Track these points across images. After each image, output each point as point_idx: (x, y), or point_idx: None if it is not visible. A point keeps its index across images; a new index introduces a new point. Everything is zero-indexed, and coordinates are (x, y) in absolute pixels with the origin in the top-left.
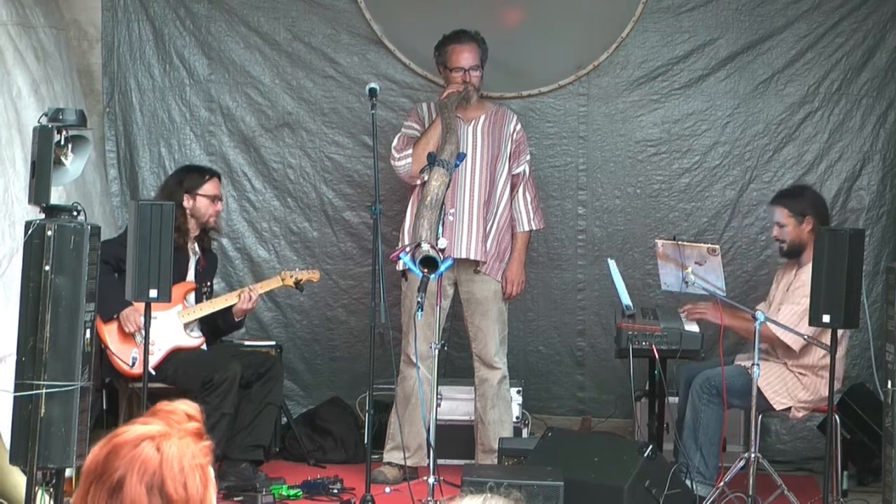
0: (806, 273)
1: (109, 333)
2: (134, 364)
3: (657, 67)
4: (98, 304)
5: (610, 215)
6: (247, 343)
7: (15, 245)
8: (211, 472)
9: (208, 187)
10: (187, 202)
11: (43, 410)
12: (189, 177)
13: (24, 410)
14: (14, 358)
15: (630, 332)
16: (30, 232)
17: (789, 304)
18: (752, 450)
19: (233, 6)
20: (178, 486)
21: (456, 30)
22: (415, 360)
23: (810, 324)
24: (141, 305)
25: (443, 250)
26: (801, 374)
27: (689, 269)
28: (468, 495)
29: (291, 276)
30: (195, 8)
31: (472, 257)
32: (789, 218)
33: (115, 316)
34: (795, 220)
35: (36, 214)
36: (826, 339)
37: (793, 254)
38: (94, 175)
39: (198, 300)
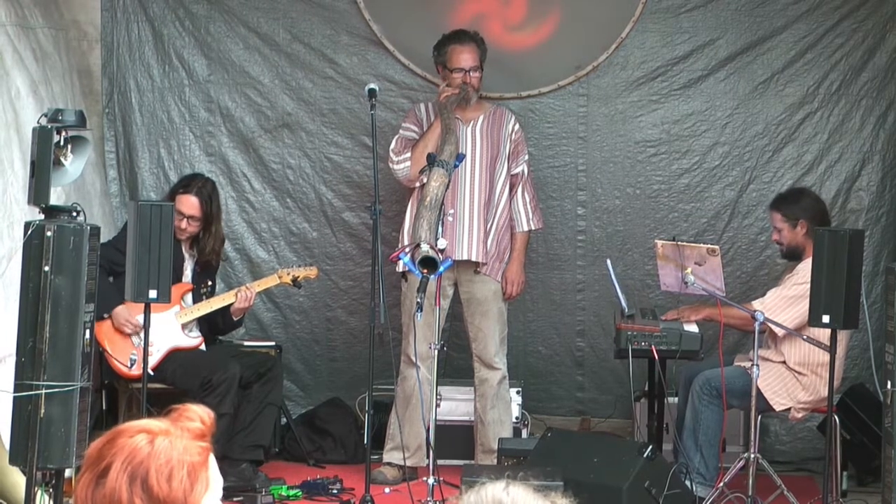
0: (803, 265)
1: (104, 334)
2: (132, 366)
3: (657, 68)
4: None
5: (609, 216)
6: (246, 343)
7: (14, 245)
8: (207, 475)
9: (177, 201)
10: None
11: (42, 411)
12: (181, 183)
13: (23, 411)
14: (14, 358)
15: (629, 333)
16: (29, 232)
17: (776, 288)
18: (752, 450)
19: (232, 7)
20: (162, 478)
21: (455, 30)
22: (414, 361)
23: (810, 324)
24: (133, 304)
25: (442, 251)
26: (799, 373)
27: (689, 270)
28: (489, 482)
29: (289, 274)
30: (194, 9)
31: (472, 258)
32: (783, 222)
33: (105, 315)
34: (789, 224)
35: (35, 215)
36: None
37: (792, 256)
38: (93, 176)
39: (196, 300)
